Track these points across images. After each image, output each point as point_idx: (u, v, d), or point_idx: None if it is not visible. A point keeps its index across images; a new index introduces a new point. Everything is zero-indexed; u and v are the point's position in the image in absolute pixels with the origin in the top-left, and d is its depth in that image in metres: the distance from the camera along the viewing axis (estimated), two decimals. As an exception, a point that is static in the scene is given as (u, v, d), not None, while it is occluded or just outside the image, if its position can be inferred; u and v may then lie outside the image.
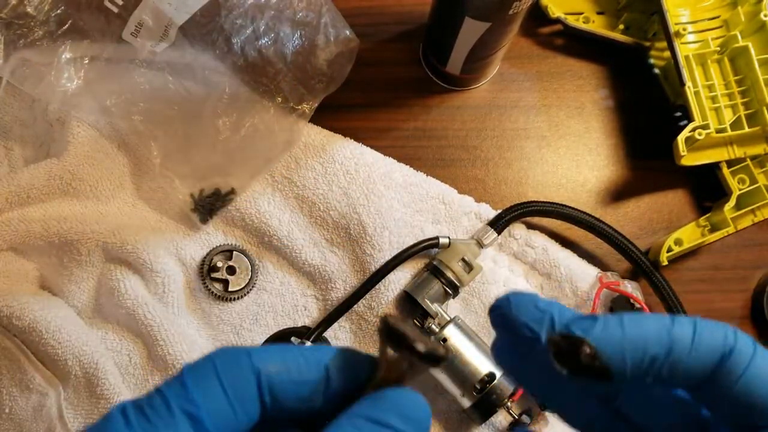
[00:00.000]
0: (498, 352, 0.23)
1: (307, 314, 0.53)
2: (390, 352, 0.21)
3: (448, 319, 0.48)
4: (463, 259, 0.50)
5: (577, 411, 0.24)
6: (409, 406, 0.20)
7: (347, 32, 0.55)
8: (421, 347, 0.20)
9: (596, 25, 0.58)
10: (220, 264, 0.52)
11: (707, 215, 0.54)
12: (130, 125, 0.51)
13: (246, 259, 0.53)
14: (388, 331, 0.20)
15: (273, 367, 0.20)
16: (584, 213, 0.51)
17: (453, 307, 0.52)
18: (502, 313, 0.21)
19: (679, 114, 0.56)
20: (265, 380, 0.19)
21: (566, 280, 0.52)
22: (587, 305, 0.51)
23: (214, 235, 0.54)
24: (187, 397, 0.18)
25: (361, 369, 0.21)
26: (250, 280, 0.53)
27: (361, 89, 0.58)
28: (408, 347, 0.20)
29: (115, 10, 0.51)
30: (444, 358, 0.21)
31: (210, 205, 0.53)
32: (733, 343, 0.19)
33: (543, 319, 0.21)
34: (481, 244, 0.52)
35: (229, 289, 0.52)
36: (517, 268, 0.53)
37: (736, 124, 0.52)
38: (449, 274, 0.49)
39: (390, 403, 0.20)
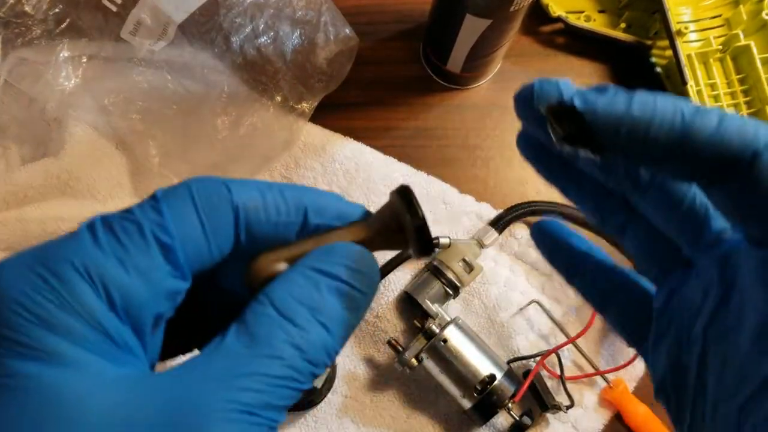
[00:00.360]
0: (520, 142, 0.23)
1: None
2: (381, 215, 0.21)
3: (449, 319, 0.48)
4: (464, 260, 0.50)
5: (594, 207, 0.24)
6: (359, 260, 0.19)
7: (347, 31, 0.55)
8: (423, 228, 0.20)
9: (597, 24, 0.58)
10: (218, 264, 0.52)
11: (709, 215, 0.54)
12: (129, 124, 0.51)
13: (245, 259, 0.52)
14: (405, 193, 0.21)
15: (252, 204, 0.19)
16: (586, 213, 0.51)
17: (453, 308, 0.52)
18: (525, 98, 0.19)
19: (681, 113, 0.56)
20: (243, 217, 0.19)
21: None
22: (588, 306, 0.51)
23: (213, 234, 0.53)
24: (162, 225, 0.17)
25: (340, 218, 0.21)
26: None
27: (361, 88, 0.58)
28: (414, 216, 0.20)
29: (114, 8, 0.51)
30: (431, 248, 0.20)
31: (209, 204, 0.52)
32: (762, 139, 0.16)
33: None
34: (481, 245, 0.51)
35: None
36: (518, 268, 0.53)
37: (738, 123, 0.51)
38: (450, 275, 0.49)
39: (339, 255, 0.19)
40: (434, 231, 0.53)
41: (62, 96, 0.50)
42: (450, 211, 0.54)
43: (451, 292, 0.50)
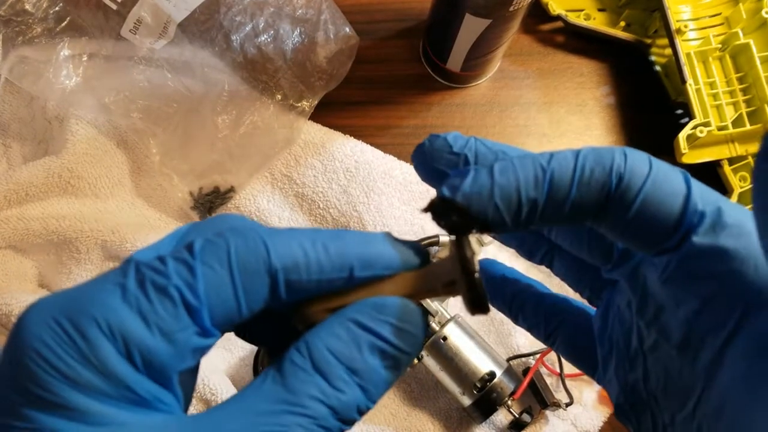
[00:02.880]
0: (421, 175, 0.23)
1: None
2: (434, 268, 0.19)
3: (449, 317, 0.48)
4: (464, 257, 0.50)
5: (519, 244, 0.25)
6: (406, 318, 0.19)
7: (347, 29, 0.55)
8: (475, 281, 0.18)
9: (597, 22, 0.58)
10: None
11: (708, 213, 0.54)
12: (129, 123, 0.51)
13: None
14: (461, 246, 0.18)
15: (292, 263, 0.18)
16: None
17: (453, 306, 0.52)
18: (423, 154, 0.21)
19: (680, 111, 0.56)
20: (282, 278, 0.18)
21: (567, 278, 0.52)
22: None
23: (214, 233, 0.53)
24: (192, 287, 0.17)
25: (389, 269, 0.19)
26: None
27: (361, 86, 0.58)
28: (469, 274, 0.18)
29: (114, 6, 0.51)
30: (485, 305, 0.18)
31: (209, 202, 0.53)
32: (622, 166, 0.17)
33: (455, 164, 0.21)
34: (481, 242, 0.51)
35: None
36: (517, 266, 0.53)
37: (737, 122, 0.52)
38: (449, 272, 0.49)
39: (385, 312, 0.18)
40: (434, 229, 0.53)
41: (63, 94, 0.50)
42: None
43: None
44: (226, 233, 0.18)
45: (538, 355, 0.49)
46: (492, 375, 0.46)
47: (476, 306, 0.18)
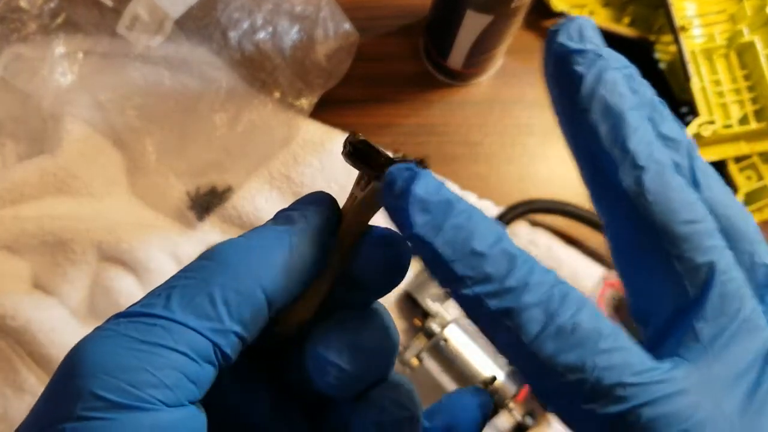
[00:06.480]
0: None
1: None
2: (355, 193, 0.20)
3: (450, 319, 0.47)
4: (465, 258, 0.49)
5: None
6: None
7: (346, 26, 0.54)
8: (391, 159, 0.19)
9: (601, 19, 0.57)
10: (217, 262, 0.51)
11: (713, 213, 0.53)
12: (125, 121, 0.50)
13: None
14: (355, 150, 0.20)
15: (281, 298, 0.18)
16: (589, 211, 0.51)
17: (454, 307, 0.51)
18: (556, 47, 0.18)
19: (685, 110, 0.56)
20: (274, 313, 0.18)
21: (570, 278, 0.51)
22: (591, 304, 0.50)
23: (211, 233, 0.53)
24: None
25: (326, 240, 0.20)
26: (247, 278, 0.52)
27: (361, 84, 0.57)
28: (376, 161, 0.19)
29: (110, 3, 0.50)
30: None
31: (206, 202, 0.52)
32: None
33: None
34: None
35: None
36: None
37: (743, 120, 0.51)
38: (451, 273, 0.49)
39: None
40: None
41: (58, 92, 0.49)
42: (451, 209, 0.53)
43: (452, 291, 0.49)
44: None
45: (540, 357, 0.48)
46: (494, 378, 0.45)
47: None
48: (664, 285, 0.16)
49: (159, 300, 0.17)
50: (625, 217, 0.17)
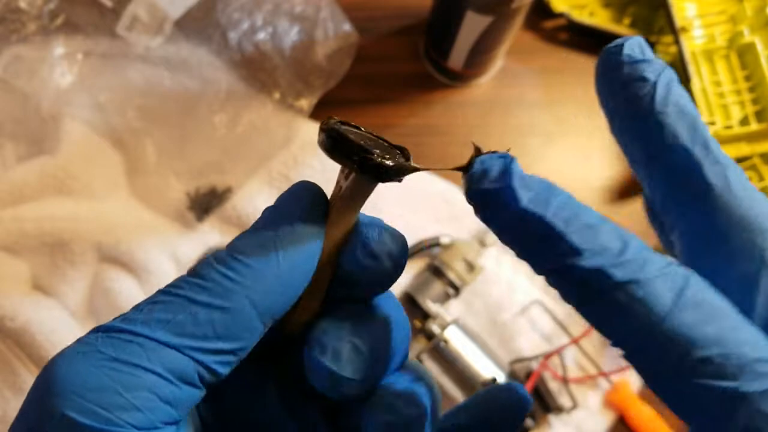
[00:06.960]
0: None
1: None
2: (340, 182, 0.19)
3: (450, 320, 0.47)
4: (465, 259, 0.49)
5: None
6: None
7: (346, 27, 0.54)
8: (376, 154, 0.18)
9: (601, 19, 0.57)
10: (216, 263, 0.51)
11: (714, 214, 0.53)
12: (125, 122, 0.50)
13: (243, 259, 0.52)
14: (332, 141, 0.19)
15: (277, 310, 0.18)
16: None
17: (454, 308, 0.51)
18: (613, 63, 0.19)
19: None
20: (273, 322, 0.18)
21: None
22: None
23: (210, 233, 0.53)
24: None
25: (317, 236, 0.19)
26: (247, 279, 0.52)
27: (361, 85, 0.57)
28: (359, 154, 0.18)
29: (109, 4, 0.50)
30: (406, 167, 0.19)
31: (206, 203, 0.52)
32: None
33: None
34: (483, 244, 0.51)
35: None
36: (520, 268, 0.52)
37: (744, 121, 0.51)
38: (451, 275, 0.48)
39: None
40: (435, 230, 0.52)
41: (58, 93, 0.49)
42: (451, 210, 0.53)
43: (452, 293, 0.49)
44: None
45: (541, 359, 0.48)
46: (494, 379, 0.45)
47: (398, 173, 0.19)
48: (746, 277, 0.17)
49: (140, 315, 0.16)
50: (703, 212, 0.17)
